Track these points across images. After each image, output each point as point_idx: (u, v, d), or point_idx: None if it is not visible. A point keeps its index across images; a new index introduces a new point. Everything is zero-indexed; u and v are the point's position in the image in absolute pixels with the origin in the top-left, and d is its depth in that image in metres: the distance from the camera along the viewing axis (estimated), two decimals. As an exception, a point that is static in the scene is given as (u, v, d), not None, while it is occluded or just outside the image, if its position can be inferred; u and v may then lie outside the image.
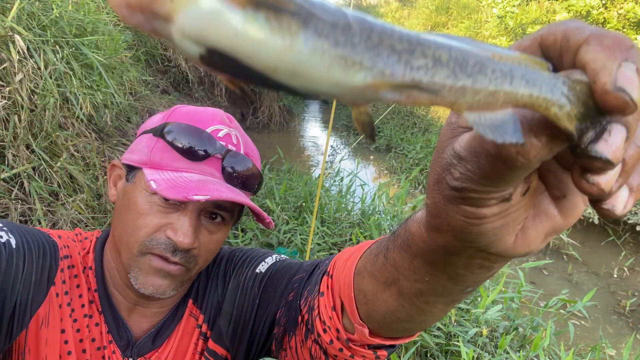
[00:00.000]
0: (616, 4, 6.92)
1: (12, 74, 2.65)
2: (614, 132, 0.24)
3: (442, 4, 11.69)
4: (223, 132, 0.71)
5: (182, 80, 7.48)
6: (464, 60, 0.23)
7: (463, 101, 0.24)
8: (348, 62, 0.22)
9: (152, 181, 0.63)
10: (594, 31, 0.24)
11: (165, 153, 0.68)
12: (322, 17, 0.21)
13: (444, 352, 2.10)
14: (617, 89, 0.22)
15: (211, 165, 0.69)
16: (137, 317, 0.75)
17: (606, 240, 4.98)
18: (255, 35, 0.20)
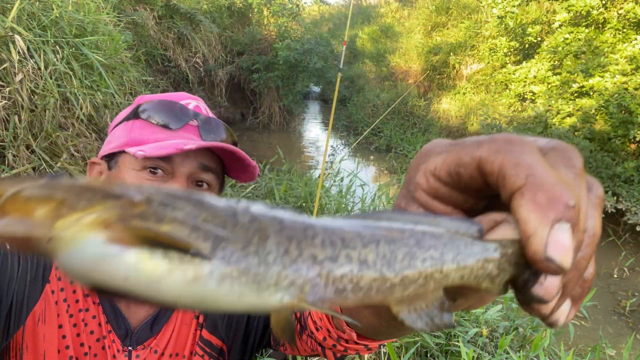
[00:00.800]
0: (616, 4, 6.92)
1: (12, 74, 2.65)
2: (549, 276, 0.24)
3: (442, 4, 11.69)
4: (192, 104, 0.76)
5: (182, 81, 7.48)
6: (392, 256, 0.23)
7: (392, 298, 0.23)
8: (262, 286, 0.20)
9: (139, 151, 0.65)
10: (531, 177, 0.23)
11: (143, 129, 0.70)
12: (232, 239, 0.20)
13: (444, 352, 2.10)
14: (546, 259, 0.22)
15: (189, 131, 0.72)
16: (134, 306, 0.76)
17: (606, 240, 4.98)
18: (152, 274, 0.19)
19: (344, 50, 2.34)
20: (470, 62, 10.09)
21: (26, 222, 0.19)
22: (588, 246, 0.25)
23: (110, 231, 0.19)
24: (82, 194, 0.19)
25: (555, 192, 0.23)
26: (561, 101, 6.05)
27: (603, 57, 6.16)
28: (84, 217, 0.19)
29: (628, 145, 5.32)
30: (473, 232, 0.25)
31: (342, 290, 0.22)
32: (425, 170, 0.28)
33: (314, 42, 8.85)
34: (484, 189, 0.26)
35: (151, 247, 0.19)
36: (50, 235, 0.19)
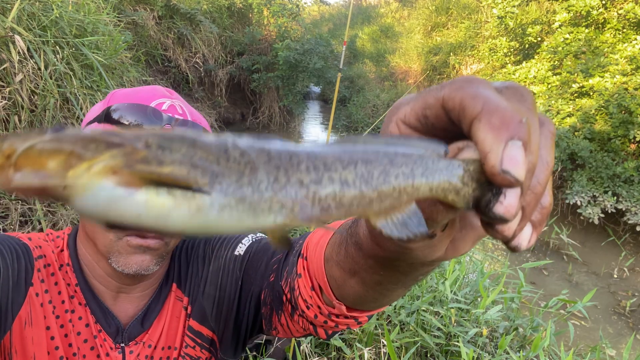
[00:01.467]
0: (616, 4, 6.92)
1: (12, 74, 2.65)
2: (508, 194, 0.26)
3: (442, 5, 11.69)
4: (166, 104, 0.71)
5: (182, 81, 7.48)
6: (369, 175, 0.25)
7: (370, 212, 0.26)
8: (257, 210, 0.23)
9: None
10: (486, 105, 0.26)
11: None
12: (227, 173, 0.22)
13: (444, 353, 2.10)
14: (502, 172, 0.25)
15: None
16: (122, 304, 0.76)
17: (606, 240, 4.98)
18: (160, 210, 0.21)
19: (344, 50, 2.34)
20: (470, 62, 10.09)
21: (40, 173, 0.21)
22: (542, 173, 0.28)
23: (118, 176, 0.21)
24: (87, 145, 0.22)
25: (507, 114, 0.25)
26: (561, 101, 6.05)
27: (603, 57, 6.17)
28: (93, 165, 0.21)
29: (628, 145, 5.32)
30: (439, 151, 0.28)
31: (327, 208, 0.24)
32: (396, 120, 0.31)
33: (314, 42, 8.85)
34: (449, 128, 0.29)
35: (156, 187, 0.21)
36: (65, 184, 0.21)
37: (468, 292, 2.45)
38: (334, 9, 23.04)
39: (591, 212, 4.98)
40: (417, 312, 2.12)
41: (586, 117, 5.61)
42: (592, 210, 4.99)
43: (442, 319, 2.13)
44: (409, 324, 2.09)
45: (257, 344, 2.03)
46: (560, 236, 4.55)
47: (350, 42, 14.86)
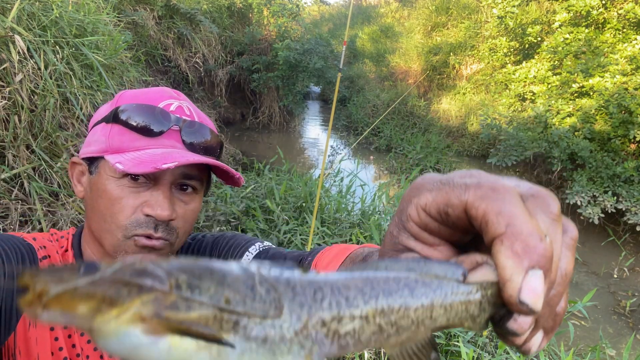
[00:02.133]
0: (616, 4, 6.92)
1: (12, 74, 2.65)
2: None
3: (442, 5, 11.69)
4: (174, 105, 0.72)
5: (182, 81, 7.48)
6: (389, 310, 0.25)
7: (386, 344, 0.26)
8: (276, 352, 0.23)
9: (118, 163, 0.64)
10: (510, 227, 0.26)
11: (122, 136, 0.68)
12: (252, 315, 0.22)
13: (444, 352, 2.10)
14: (519, 303, 0.26)
15: (171, 137, 0.70)
16: None
17: (606, 240, 4.98)
18: (182, 355, 0.21)
19: (344, 50, 2.34)
20: (470, 62, 10.09)
21: (69, 315, 0.22)
22: (560, 285, 0.28)
23: (146, 325, 0.21)
24: (120, 290, 0.22)
25: (530, 241, 0.26)
26: (561, 101, 6.05)
27: (603, 57, 6.16)
28: (123, 313, 0.21)
29: (628, 145, 5.32)
30: (458, 275, 0.28)
31: (345, 346, 0.25)
32: (417, 204, 0.30)
33: (314, 42, 8.85)
34: (469, 229, 0.29)
35: (182, 335, 0.21)
36: (91, 327, 0.21)
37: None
38: (334, 8, 23.04)
39: (591, 212, 4.98)
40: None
41: (586, 117, 5.61)
42: (592, 210, 4.99)
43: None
44: (409, 324, 2.09)
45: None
46: (560, 236, 4.54)
47: (350, 42, 14.85)
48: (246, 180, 4.13)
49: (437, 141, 8.14)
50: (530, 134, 5.86)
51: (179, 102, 0.73)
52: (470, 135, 8.56)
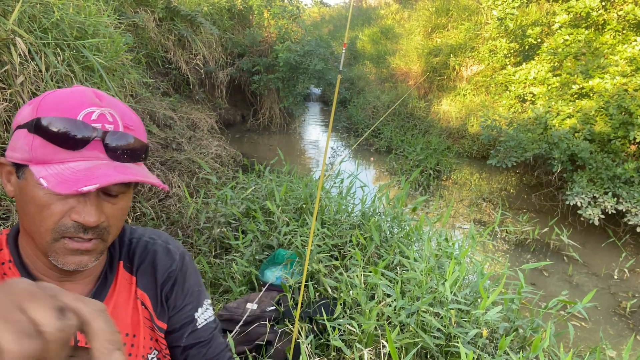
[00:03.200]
0: (616, 5, 6.93)
1: (13, 76, 2.66)
2: None
3: (442, 6, 11.70)
4: (96, 113, 0.71)
5: (183, 82, 7.49)
6: None
7: None
8: None
9: (42, 179, 0.64)
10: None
11: (45, 148, 0.68)
12: None
13: (444, 354, 2.10)
14: None
15: (94, 149, 0.70)
16: (69, 289, 0.78)
17: (606, 241, 4.98)
18: None
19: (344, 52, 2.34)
20: (470, 63, 10.10)
21: None
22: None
23: None
24: None
25: None
26: (561, 102, 6.05)
27: (603, 59, 6.17)
28: None
29: (628, 146, 5.32)
30: None
31: None
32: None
33: (314, 44, 8.86)
34: None
35: None
36: None
37: (468, 293, 2.45)
38: (334, 10, 23.07)
39: (591, 213, 4.99)
40: (417, 313, 2.12)
41: (586, 118, 5.62)
42: (592, 212, 4.99)
43: (442, 320, 2.13)
44: (409, 325, 2.09)
45: (257, 345, 2.03)
46: (561, 237, 4.54)
47: (350, 43, 14.86)
48: (247, 182, 4.14)
49: (437, 142, 8.14)
50: (531, 135, 5.86)
51: (101, 109, 0.72)
52: (471, 137, 8.56)
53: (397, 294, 2.19)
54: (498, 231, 5.12)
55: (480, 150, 8.21)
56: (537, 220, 5.55)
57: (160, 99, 6.15)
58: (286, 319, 2.20)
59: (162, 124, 5.43)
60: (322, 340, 2.17)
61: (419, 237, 3.08)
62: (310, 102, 13.33)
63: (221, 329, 0.99)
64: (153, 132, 5.00)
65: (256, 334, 2.09)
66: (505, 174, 7.44)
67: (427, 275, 2.40)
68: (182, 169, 4.70)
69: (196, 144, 5.53)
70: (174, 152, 4.92)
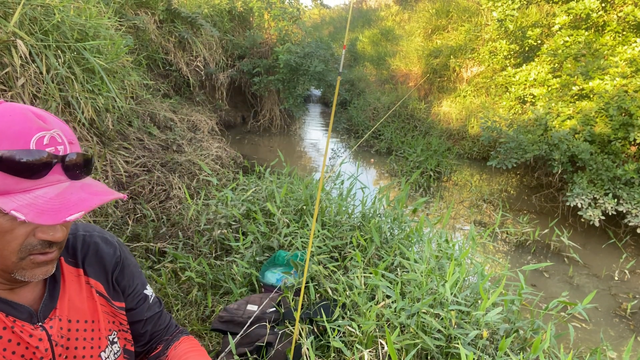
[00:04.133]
0: (616, 6, 6.93)
1: (14, 78, 2.67)
2: None
3: (442, 8, 11.72)
4: (47, 137, 0.71)
5: (183, 84, 7.50)
6: None
7: None
8: None
9: (14, 212, 0.64)
10: None
11: (6, 179, 0.67)
12: None
13: (444, 355, 2.10)
14: None
15: (54, 173, 0.72)
16: (21, 294, 0.83)
17: (607, 242, 4.98)
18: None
19: (344, 53, 2.35)
20: (471, 65, 10.10)
21: None
22: None
23: None
24: None
25: None
26: (561, 104, 6.05)
27: (603, 60, 6.17)
28: None
29: (628, 147, 5.32)
30: None
31: None
32: None
33: (315, 46, 8.87)
34: None
35: None
36: None
37: (468, 294, 2.45)
38: (334, 12, 23.09)
39: (592, 214, 4.98)
40: (417, 315, 2.12)
41: (586, 120, 5.62)
42: (592, 213, 4.99)
43: (443, 321, 2.13)
44: (409, 326, 2.09)
45: (257, 346, 2.03)
46: (561, 238, 4.54)
47: (350, 45, 14.88)
48: (247, 184, 4.14)
49: (437, 144, 8.14)
50: (531, 136, 5.86)
51: (49, 132, 0.72)
52: (471, 138, 8.56)
53: (397, 295, 2.19)
54: (498, 232, 5.12)
55: (480, 151, 8.21)
56: (538, 221, 5.54)
57: (161, 100, 6.16)
58: (286, 320, 2.20)
59: (162, 126, 5.44)
60: (322, 342, 2.18)
61: (419, 238, 3.08)
62: (310, 103, 13.33)
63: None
64: (153, 134, 5.00)
65: (256, 335, 2.09)
66: (506, 175, 7.44)
67: (428, 276, 2.40)
68: (182, 170, 4.70)
69: (197, 146, 5.54)
70: (175, 154, 4.92)
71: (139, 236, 3.38)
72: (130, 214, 3.56)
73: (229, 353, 2.00)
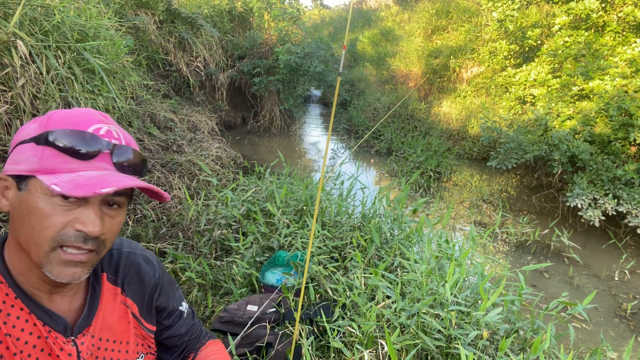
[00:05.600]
0: (616, 7, 6.94)
1: (14, 79, 2.67)
2: None
3: (442, 8, 11.72)
4: (104, 129, 0.76)
5: (184, 85, 7.50)
6: None
7: None
8: None
9: (54, 185, 0.67)
10: None
11: (55, 158, 0.71)
12: None
13: (444, 355, 2.10)
14: None
15: (102, 160, 0.74)
16: (58, 303, 0.82)
17: (607, 243, 4.98)
18: None
19: (344, 54, 2.35)
20: (471, 65, 10.11)
21: None
22: None
23: None
24: None
25: None
26: (561, 104, 6.05)
27: (603, 60, 6.17)
28: None
29: (628, 147, 5.32)
30: None
31: None
32: None
33: (315, 46, 8.87)
34: None
35: None
36: None
37: (468, 294, 2.45)
38: (334, 12, 23.10)
39: (592, 214, 4.98)
40: (418, 315, 2.12)
41: (586, 120, 5.62)
42: (592, 213, 4.99)
43: (443, 322, 2.13)
44: (409, 327, 2.09)
45: (257, 346, 2.03)
46: (561, 239, 4.54)
47: (350, 45, 14.88)
48: (247, 184, 4.14)
49: (437, 144, 8.14)
50: (531, 136, 5.86)
51: (108, 126, 0.77)
52: (471, 138, 8.56)
53: (397, 296, 2.19)
54: (498, 233, 5.12)
55: (480, 151, 8.21)
56: (538, 221, 5.54)
57: (161, 101, 6.16)
58: (287, 321, 2.20)
59: (162, 126, 5.44)
60: (323, 342, 2.18)
61: (419, 238, 3.08)
62: (310, 104, 13.34)
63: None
64: (154, 134, 5.00)
65: (256, 335, 2.09)
66: (506, 175, 7.44)
67: (428, 276, 2.40)
68: (182, 171, 4.70)
69: (197, 146, 5.54)
70: (175, 154, 4.92)
71: (139, 236, 3.38)
72: (130, 215, 3.56)
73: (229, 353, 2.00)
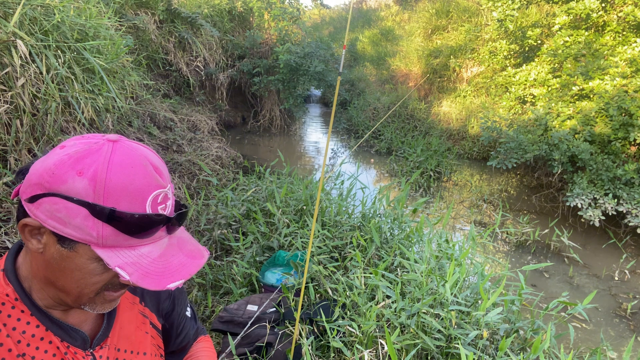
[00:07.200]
0: (616, 6, 6.93)
1: (14, 78, 2.67)
2: None
3: (442, 8, 11.72)
4: (161, 196, 0.71)
5: (184, 84, 7.50)
6: None
7: None
8: None
9: (120, 269, 0.66)
10: None
11: (118, 237, 0.67)
12: None
13: (444, 355, 2.10)
14: None
15: (159, 231, 0.73)
16: (76, 315, 0.82)
17: (607, 242, 4.98)
18: None
19: (344, 54, 2.35)
20: (471, 65, 10.10)
21: None
22: None
23: None
24: None
25: None
26: (561, 104, 6.05)
27: (603, 60, 6.17)
28: None
29: (628, 147, 5.32)
30: None
31: None
32: None
33: (315, 46, 8.87)
34: None
35: None
36: None
37: (469, 294, 2.45)
38: (334, 12, 23.10)
39: (592, 214, 4.98)
40: (418, 315, 2.12)
41: (586, 120, 5.62)
42: (592, 213, 4.99)
43: (443, 322, 2.13)
44: (409, 327, 2.09)
45: (257, 346, 2.03)
46: (561, 238, 4.54)
47: (350, 45, 14.88)
48: (247, 184, 4.14)
49: (437, 144, 8.14)
50: (531, 136, 5.86)
51: (164, 190, 0.72)
52: (471, 138, 8.56)
53: (397, 296, 2.19)
54: (498, 232, 5.12)
55: (480, 151, 8.21)
56: (538, 221, 5.54)
57: (161, 100, 6.16)
58: (287, 321, 2.20)
59: (162, 126, 5.44)
60: (323, 342, 2.18)
61: (419, 238, 3.08)
62: (310, 103, 13.33)
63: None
64: (154, 134, 5.00)
65: (256, 335, 2.09)
66: (506, 175, 7.44)
67: (428, 276, 2.40)
68: (182, 170, 4.70)
69: (197, 146, 5.54)
70: (175, 154, 4.92)
71: (139, 236, 3.37)
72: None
73: (229, 353, 2.00)
